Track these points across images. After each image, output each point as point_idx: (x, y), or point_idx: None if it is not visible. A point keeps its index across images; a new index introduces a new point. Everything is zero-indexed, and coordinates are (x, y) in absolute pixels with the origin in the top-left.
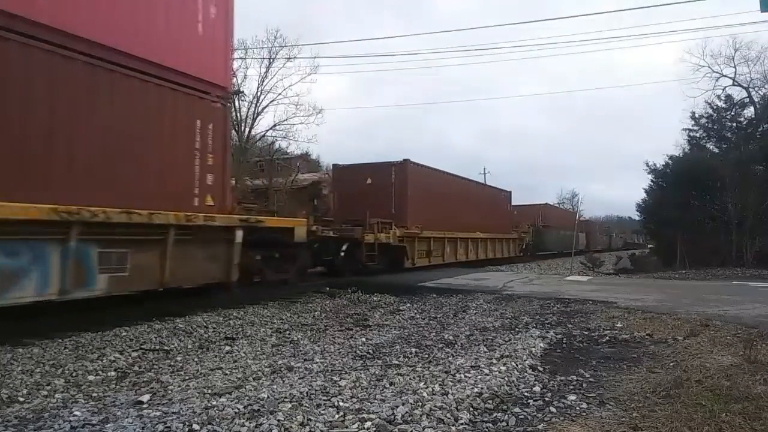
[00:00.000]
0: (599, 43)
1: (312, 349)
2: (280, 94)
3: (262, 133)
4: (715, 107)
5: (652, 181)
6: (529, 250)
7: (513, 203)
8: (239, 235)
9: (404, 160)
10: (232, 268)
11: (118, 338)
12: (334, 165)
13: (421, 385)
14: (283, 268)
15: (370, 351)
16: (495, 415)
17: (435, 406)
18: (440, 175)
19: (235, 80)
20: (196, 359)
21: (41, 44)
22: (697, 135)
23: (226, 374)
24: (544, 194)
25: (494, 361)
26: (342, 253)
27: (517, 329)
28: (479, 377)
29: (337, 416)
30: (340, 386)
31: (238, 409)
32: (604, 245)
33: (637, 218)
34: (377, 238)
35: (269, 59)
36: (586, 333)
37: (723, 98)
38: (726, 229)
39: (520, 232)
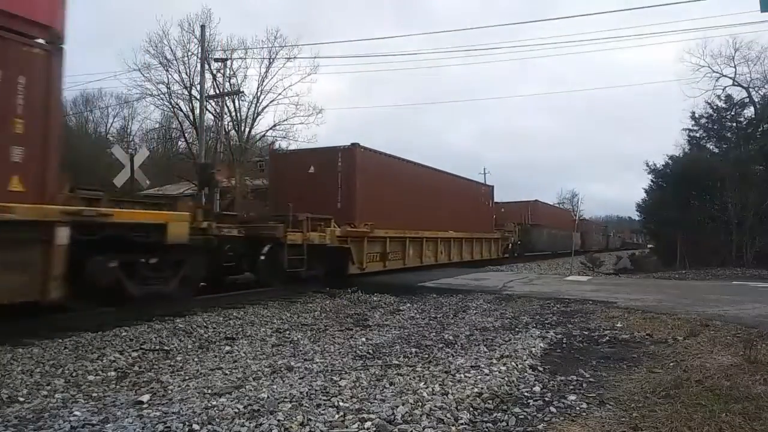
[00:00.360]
0: (599, 43)
1: (312, 349)
2: (280, 94)
3: (262, 133)
4: (715, 107)
5: (652, 181)
6: (516, 250)
7: (506, 201)
8: (63, 234)
9: (352, 144)
10: (50, 281)
11: (118, 338)
12: (270, 151)
13: (421, 385)
14: (161, 278)
15: (370, 351)
16: (495, 415)
17: (435, 406)
18: (401, 164)
19: (235, 80)
20: (196, 359)
21: None
22: (697, 135)
23: (226, 374)
24: (543, 194)
25: (494, 361)
26: (262, 257)
27: (517, 329)
28: (479, 377)
29: (337, 416)
30: (340, 386)
31: (238, 409)
32: (600, 245)
33: (636, 218)
34: (306, 237)
35: (269, 59)
36: (586, 333)
37: (723, 98)
38: (726, 229)
39: (504, 231)
